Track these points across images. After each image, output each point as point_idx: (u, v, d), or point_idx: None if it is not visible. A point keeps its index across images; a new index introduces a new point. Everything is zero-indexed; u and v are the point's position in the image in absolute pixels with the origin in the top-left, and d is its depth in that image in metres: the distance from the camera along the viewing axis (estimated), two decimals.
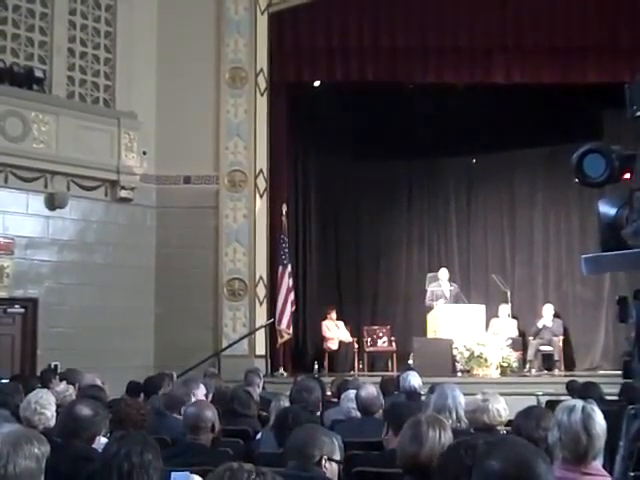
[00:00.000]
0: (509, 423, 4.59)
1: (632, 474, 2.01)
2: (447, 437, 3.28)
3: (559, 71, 12.81)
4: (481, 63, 13.06)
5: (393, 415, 4.26)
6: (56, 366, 9.90)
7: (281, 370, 12.41)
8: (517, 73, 12.96)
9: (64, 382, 7.25)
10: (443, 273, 13.80)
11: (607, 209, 2.07)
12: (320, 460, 3.36)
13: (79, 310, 11.31)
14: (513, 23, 12.64)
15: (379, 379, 7.80)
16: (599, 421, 3.32)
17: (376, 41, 12.81)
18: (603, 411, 3.47)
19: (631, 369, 1.92)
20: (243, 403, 5.91)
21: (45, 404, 4.57)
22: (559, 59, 12.77)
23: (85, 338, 11.07)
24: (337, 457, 3.46)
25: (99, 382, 7.16)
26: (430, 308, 13.38)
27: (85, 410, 4.05)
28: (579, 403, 3.41)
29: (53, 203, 11.27)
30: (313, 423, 3.84)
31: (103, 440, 4.25)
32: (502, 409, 4.41)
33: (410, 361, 12.33)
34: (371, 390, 5.72)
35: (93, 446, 4.03)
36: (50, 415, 4.66)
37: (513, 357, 12.32)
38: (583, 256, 2.01)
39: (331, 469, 3.43)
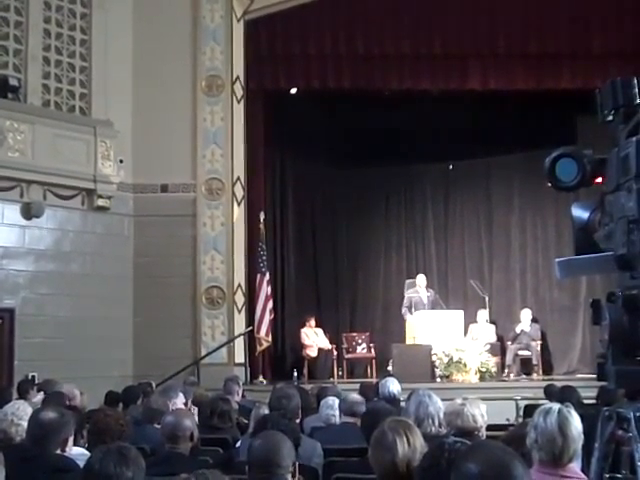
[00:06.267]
0: (489, 428, 4.61)
1: (607, 476, 2.03)
2: (416, 438, 3.26)
3: (533, 77, 12.92)
4: (456, 70, 13.14)
5: (370, 425, 4.25)
6: (33, 377, 9.83)
7: (260, 378, 12.39)
8: (492, 79, 13.05)
9: (41, 393, 7.21)
10: (421, 279, 13.83)
11: (580, 213, 2.09)
12: (292, 468, 3.34)
13: (56, 320, 11.22)
14: (487, 30, 12.73)
15: (358, 386, 7.82)
16: (575, 423, 3.35)
17: (352, 48, 12.86)
18: (581, 414, 3.50)
19: (605, 371, 1.94)
20: (222, 418, 5.90)
21: (22, 415, 4.52)
22: (533, 65, 12.88)
23: (63, 348, 10.99)
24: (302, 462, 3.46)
25: (77, 392, 7.11)
26: (405, 316, 13.43)
27: (50, 414, 4.02)
28: (556, 406, 3.44)
29: (29, 212, 11.20)
30: (278, 431, 3.78)
31: (76, 449, 4.22)
32: (479, 415, 4.40)
33: (389, 367, 12.35)
34: (355, 395, 5.81)
35: (67, 453, 3.99)
36: (27, 426, 4.62)
37: (492, 362, 12.36)
38: (557, 260, 2.03)
39: (297, 476, 3.43)
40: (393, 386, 6.91)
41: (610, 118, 2.01)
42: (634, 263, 1.81)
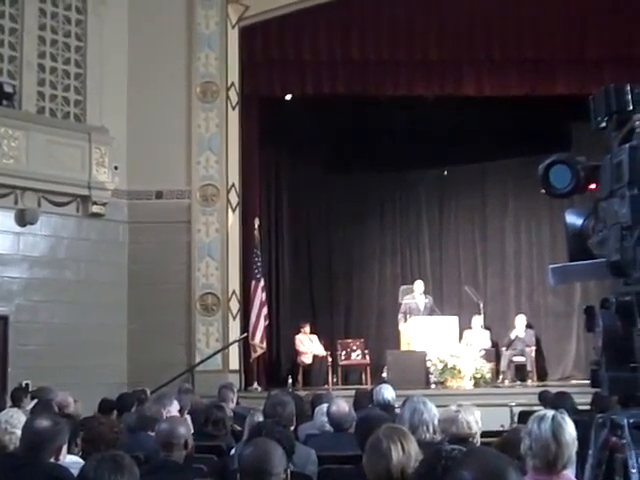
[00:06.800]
0: (483, 435, 4.61)
1: None
2: (411, 444, 3.25)
3: (528, 83, 12.96)
4: (451, 75, 13.16)
5: (364, 434, 4.23)
6: (27, 385, 9.78)
7: (255, 385, 12.37)
8: (487, 85, 13.07)
9: (35, 400, 7.19)
10: (418, 285, 13.83)
11: (574, 219, 2.09)
12: (284, 476, 3.32)
13: (50, 327, 11.19)
14: (483, 36, 12.76)
15: (353, 392, 7.81)
16: (569, 430, 3.35)
17: (347, 54, 12.87)
18: (575, 421, 3.50)
19: (599, 378, 1.94)
20: (217, 426, 5.88)
21: (16, 423, 4.50)
22: (528, 71, 12.92)
23: (57, 356, 10.96)
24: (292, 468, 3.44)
25: (71, 400, 7.09)
26: (400, 322, 13.44)
27: (44, 422, 4.01)
28: (550, 412, 3.44)
29: (24, 219, 11.17)
30: (269, 439, 3.75)
31: (70, 457, 4.20)
32: (473, 421, 4.41)
33: (384, 374, 12.35)
34: (342, 406, 5.69)
35: (61, 462, 3.98)
36: (21, 435, 4.60)
37: (486, 368, 12.37)
38: (550, 266, 2.02)
39: None
40: (388, 393, 6.89)
41: (603, 125, 2.01)
42: (627, 269, 1.81)
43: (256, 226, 12.69)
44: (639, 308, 1.81)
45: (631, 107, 1.96)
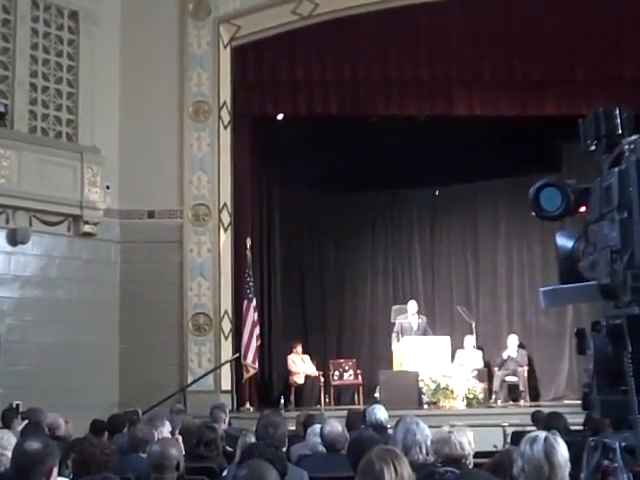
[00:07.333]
0: (476, 455, 4.60)
1: None
2: (404, 466, 3.24)
3: (518, 103, 13.05)
4: (442, 96, 13.25)
5: (356, 455, 4.21)
6: (18, 405, 9.72)
7: (247, 405, 12.32)
8: (478, 106, 13.16)
9: (26, 421, 7.14)
10: (412, 305, 13.82)
11: (564, 242, 2.10)
12: None
13: (42, 347, 11.14)
14: (473, 56, 12.85)
15: (345, 413, 7.79)
16: (561, 451, 3.35)
17: (339, 74, 12.94)
18: (567, 441, 3.49)
19: (590, 401, 1.93)
20: (209, 447, 5.86)
21: (6, 445, 4.46)
22: (518, 92, 13.01)
23: (48, 376, 10.89)
24: None
25: (62, 421, 7.05)
26: (392, 342, 13.43)
27: (35, 444, 3.97)
28: (542, 434, 3.44)
29: (15, 239, 11.15)
30: (263, 460, 3.73)
31: (60, 479, 4.17)
32: (466, 442, 4.40)
33: (376, 394, 12.32)
34: (336, 426, 5.67)
35: None
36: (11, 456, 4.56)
37: (479, 388, 12.35)
38: (541, 289, 2.03)
39: None
40: (380, 413, 6.87)
41: (593, 148, 2.02)
42: (617, 293, 1.82)
43: (248, 246, 12.68)
44: (629, 331, 1.81)
45: (620, 131, 1.97)
